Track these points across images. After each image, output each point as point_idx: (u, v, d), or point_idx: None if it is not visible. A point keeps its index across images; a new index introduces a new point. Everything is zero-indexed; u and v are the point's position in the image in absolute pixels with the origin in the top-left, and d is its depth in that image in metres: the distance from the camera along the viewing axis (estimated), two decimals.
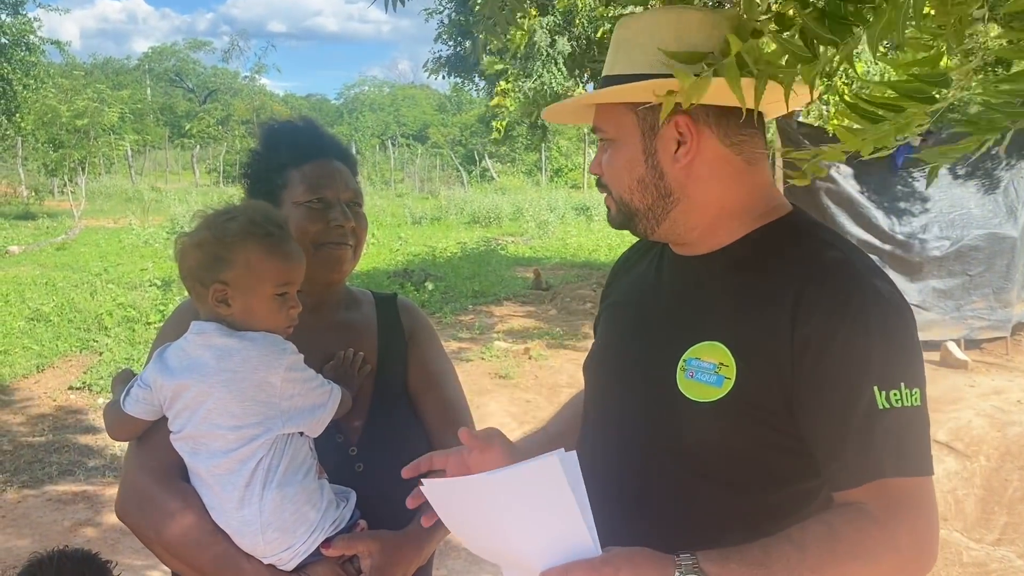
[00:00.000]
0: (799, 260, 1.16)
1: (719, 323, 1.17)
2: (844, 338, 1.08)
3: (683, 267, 1.26)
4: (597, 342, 1.40)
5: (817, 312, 1.10)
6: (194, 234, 1.35)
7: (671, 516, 1.19)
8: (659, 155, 1.19)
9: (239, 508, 1.30)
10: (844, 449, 1.08)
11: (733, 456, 1.15)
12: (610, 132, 1.23)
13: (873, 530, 1.05)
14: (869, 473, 1.07)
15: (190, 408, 1.31)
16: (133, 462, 1.40)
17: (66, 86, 22.38)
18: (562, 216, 17.72)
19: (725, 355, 1.14)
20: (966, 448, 5.15)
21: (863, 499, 1.07)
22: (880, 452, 1.07)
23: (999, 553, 4.04)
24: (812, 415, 1.10)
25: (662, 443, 1.19)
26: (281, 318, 1.34)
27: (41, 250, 13.73)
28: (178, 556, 1.34)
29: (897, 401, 1.07)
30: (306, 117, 1.71)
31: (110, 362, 6.84)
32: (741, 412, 1.13)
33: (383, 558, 1.34)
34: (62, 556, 1.66)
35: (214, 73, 54.86)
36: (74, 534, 4.11)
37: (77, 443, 5.33)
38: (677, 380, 1.17)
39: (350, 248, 1.51)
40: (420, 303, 9.34)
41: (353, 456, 1.47)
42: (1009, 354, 7.32)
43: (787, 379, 1.10)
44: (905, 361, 1.11)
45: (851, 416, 1.07)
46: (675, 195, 1.20)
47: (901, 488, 1.07)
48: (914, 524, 1.06)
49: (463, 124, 43.33)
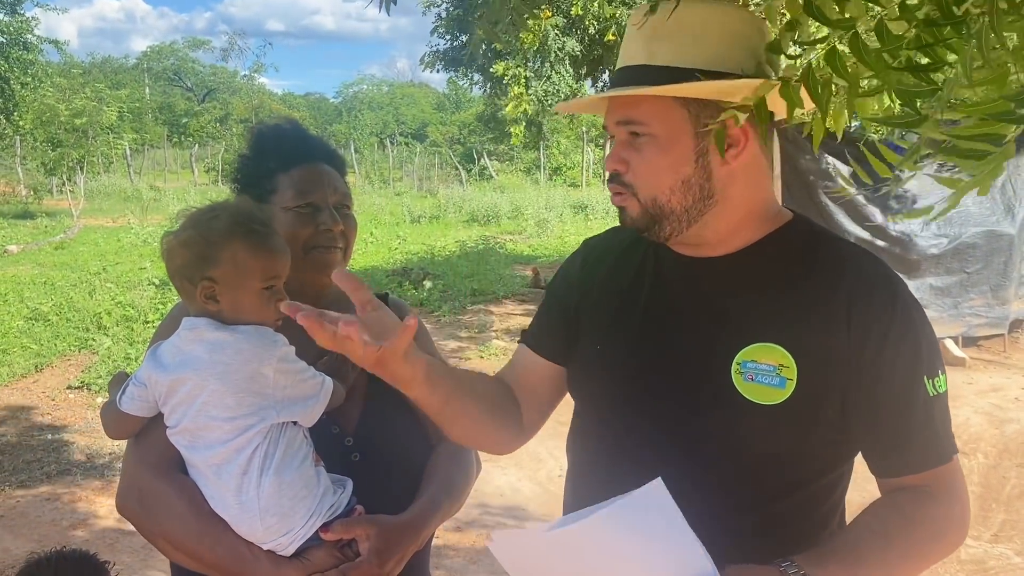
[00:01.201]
0: (834, 258, 1.20)
1: (771, 324, 1.16)
2: (897, 333, 1.14)
3: (702, 268, 1.23)
4: (592, 349, 1.32)
5: (871, 308, 1.14)
6: (180, 233, 1.37)
7: (734, 522, 1.16)
8: (710, 155, 1.14)
9: (237, 496, 1.32)
10: (909, 439, 1.15)
11: (793, 454, 1.17)
12: (655, 128, 1.15)
13: (941, 511, 1.15)
14: (935, 459, 1.15)
15: (185, 402, 1.33)
16: (132, 457, 1.43)
17: (64, 85, 22.34)
18: (560, 214, 17.71)
19: (784, 356, 1.14)
20: (964, 445, 5.16)
21: (924, 483, 1.15)
22: (937, 439, 1.15)
23: (997, 550, 4.05)
24: (873, 408, 1.14)
25: (722, 450, 1.17)
26: (269, 311, 1.36)
27: (40, 249, 13.73)
28: (180, 547, 1.36)
29: (940, 387, 1.16)
30: (292, 120, 1.73)
31: (108, 361, 6.84)
32: (805, 412, 1.14)
33: (381, 542, 1.36)
34: (60, 557, 1.67)
35: (213, 72, 54.88)
36: (72, 534, 4.12)
37: (75, 443, 5.33)
38: (736, 384, 1.15)
39: (339, 251, 1.54)
40: (419, 302, 9.35)
41: (349, 446, 1.49)
42: (1007, 351, 7.33)
43: (844, 377, 1.14)
44: (937, 350, 1.19)
45: (914, 405, 1.14)
46: (716, 196, 1.17)
47: (950, 469, 1.17)
48: (964, 499, 1.18)
49: (462, 122, 43.32)
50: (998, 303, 7.32)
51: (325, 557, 1.34)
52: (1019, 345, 7.55)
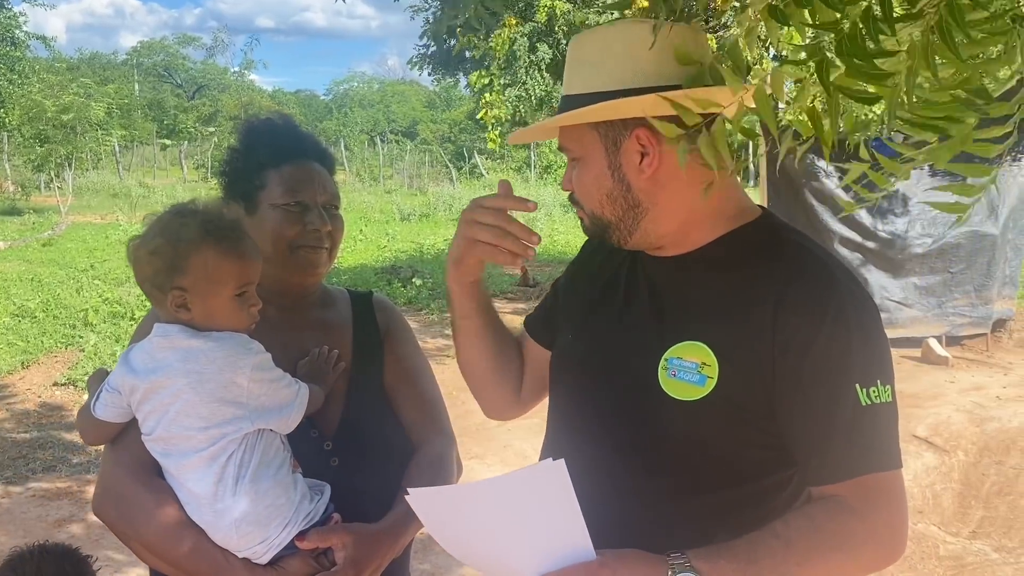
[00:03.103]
0: (776, 261, 1.19)
1: (700, 323, 1.19)
2: (826, 338, 1.12)
3: (659, 267, 1.28)
4: (566, 339, 1.40)
5: (798, 313, 1.13)
6: (147, 241, 1.34)
7: (649, 512, 1.21)
8: (624, 168, 1.20)
9: (212, 504, 1.31)
10: (828, 446, 1.12)
11: (713, 453, 1.18)
12: (575, 151, 1.24)
13: (854, 523, 1.11)
14: (852, 470, 1.11)
15: (158, 411, 1.32)
16: (109, 461, 1.42)
17: (53, 81, 22.20)
18: (550, 213, 17.70)
19: (707, 355, 1.16)
20: (945, 443, 5.21)
21: (842, 493, 1.12)
22: (862, 449, 1.11)
23: (975, 546, 4.10)
24: (795, 413, 1.14)
25: (643, 440, 1.21)
26: (243, 317, 1.35)
27: (27, 246, 13.66)
28: (155, 552, 1.35)
29: (876, 397, 1.11)
30: (285, 115, 1.70)
31: (95, 358, 6.83)
32: (723, 410, 1.15)
33: (357, 550, 1.35)
34: (42, 551, 1.67)
35: (203, 69, 54.59)
36: (58, 530, 4.11)
37: (61, 439, 5.32)
38: (659, 379, 1.19)
39: (325, 251, 1.53)
40: (407, 300, 9.35)
41: (328, 451, 1.48)
42: (989, 350, 7.40)
43: (768, 378, 1.13)
44: (880, 359, 1.15)
45: (835, 414, 1.11)
46: (644, 205, 1.21)
47: (878, 482, 1.12)
48: (890, 515, 1.13)
49: (452, 121, 43.24)
50: (981, 303, 7.39)
51: (301, 566, 1.33)
52: (1001, 344, 7.62)
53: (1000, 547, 4.10)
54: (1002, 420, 5.58)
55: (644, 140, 1.18)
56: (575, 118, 1.20)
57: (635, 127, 1.17)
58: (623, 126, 1.18)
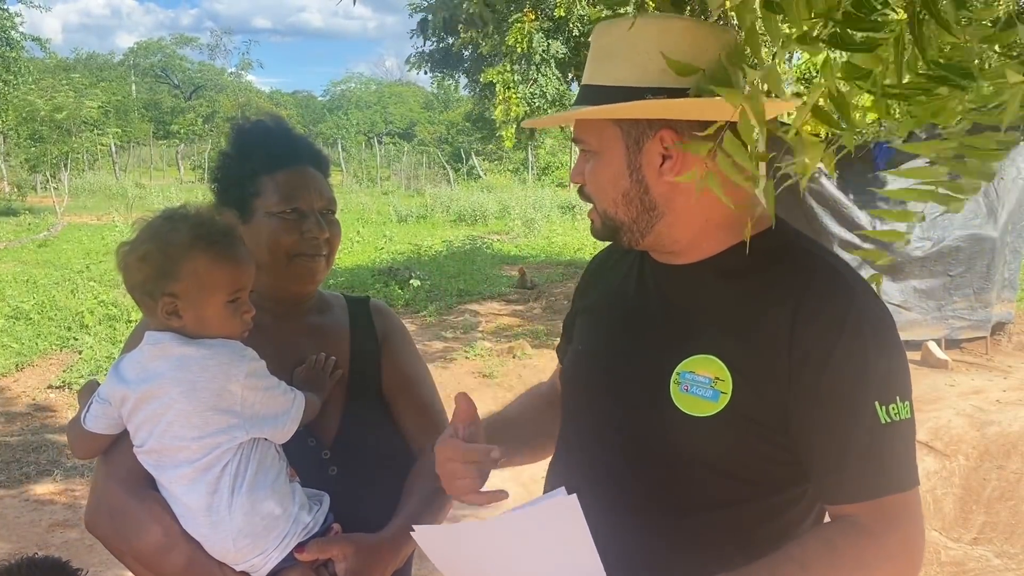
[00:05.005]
0: (792, 273, 1.15)
1: (713, 336, 1.15)
2: (843, 353, 1.08)
3: (669, 276, 1.24)
4: (576, 350, 1.37)
5: (815, 326, 1.09)
6: (137, 246, 1.30)
7: (661, 527, 1.18)
8: (644, 169, 1.16)
9: (207, 516, 1.28)
10: (846, 465, 1.09)
11: (727, 468, 1.15)
12: (592, 144, 1.19)
13: (870, 544, 1.08)
14: (871, 491, 1.09)
15: (151, 421, 1.29)
16: (101, 473, 1.38)
17: (48, 84, 22.17)
18: (548, 214, 17.69)
19: (721, 369, 1.13)
20: (945, 448, 5.19)
21: (859, 513, 1.09)
22: (881, 469, 1.08)
23: (977, 552, 4.08)
24: (811, 429, 1.10)
25: (654, 456, 1.18)
26: (235, 324, 1.31)
27: (22, 247, 13.61)
28: (149, 566, 1.32)
29: (896, 415, 1.08)
30: (277, 117, 1.65)
31: (90, 360, 6.79)
32: (737, 426, 1.12)
33: (358, 561, 1.32)
34: (31, 564, 1.63)
35: (200, 69, 54.51)
36: (52, 535, 4.08)
37: (56, 443, 5.28)
38: (671, 393, 1.15)
39: (323, 259, 1.49)
40: (405, 302, 9.32)
41: (326, 459, 1.45)
42: (989, 354, 7.39)
43: (784, 392, 1.10)
44: (898, 373, 1.12)
45: (854, 432, 1.08)
46: (660, 208, 1.17)
47: (895, 502, 1.09)
48: (907, 534, 1.10)
49: (450, 122, 43.20)
50: (981, 306, 7.38)
51: None
52: (1001, 347, 7.61)
53: (1002, 553, 4.08)
54: (1002, 424, 5.56)
55: (668, 142, 1.13)
56: (601, 112, 1.15)
57: (660, 128, 1.13)
58: (648, 125, 1.14)
